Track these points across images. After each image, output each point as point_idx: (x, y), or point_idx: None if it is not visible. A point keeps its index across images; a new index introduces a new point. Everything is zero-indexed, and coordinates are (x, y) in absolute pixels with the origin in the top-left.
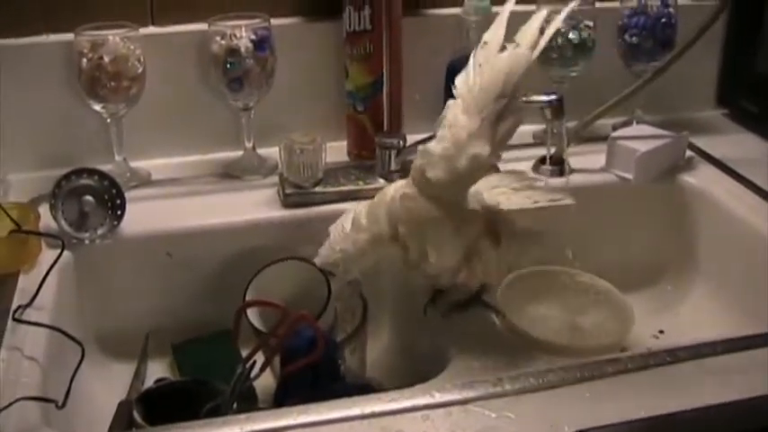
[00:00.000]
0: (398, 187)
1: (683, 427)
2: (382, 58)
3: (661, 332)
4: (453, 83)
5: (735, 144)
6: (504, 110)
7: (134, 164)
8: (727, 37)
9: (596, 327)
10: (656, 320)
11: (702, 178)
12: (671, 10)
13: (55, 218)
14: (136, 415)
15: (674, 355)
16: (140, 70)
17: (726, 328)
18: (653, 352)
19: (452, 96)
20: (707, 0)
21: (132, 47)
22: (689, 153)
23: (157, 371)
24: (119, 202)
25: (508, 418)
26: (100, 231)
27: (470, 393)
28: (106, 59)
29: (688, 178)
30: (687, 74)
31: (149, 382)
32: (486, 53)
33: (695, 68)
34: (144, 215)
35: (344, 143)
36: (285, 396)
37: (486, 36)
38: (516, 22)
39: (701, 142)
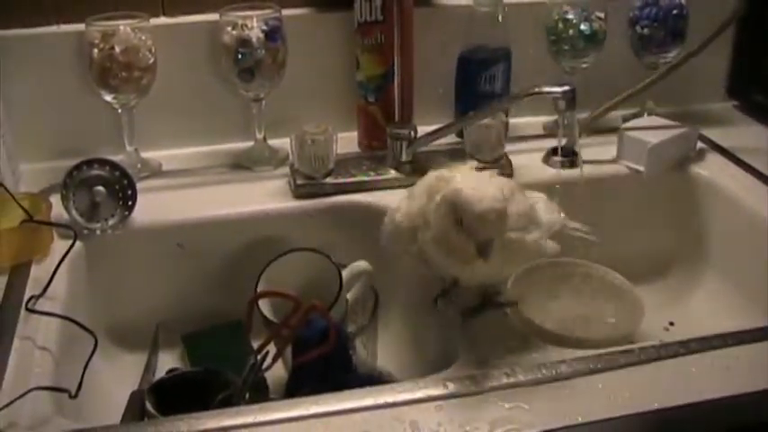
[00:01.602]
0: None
1: (697, 418)
2: (393, 49)
3: (671, 324)
4: (465, 74)
5: (746, 136)
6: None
7: (145, 154)
8: (738, 29)
9: (607, 319)
10: (666, 312)
11: (713, 170)
12: (682, 1)
13: (66, 208)
14: (148, 405)
15: (687, 347)
16: (151, 61)
17: (737, 319)
18: (665, 343)
19: (464, 87)
20: None
21: (143, 37)
22: (700, 144)
23: (168, 361)
24: (130, 192)
25: (522, 408)
26: (111, 222)
27: (484, 384)
28: (117, 50)
29: (699, 170)
30: (698, 66)
31: (160, 373)
32: None
33: (706, 60)
34: (155, 206)
35: (355, 134)
36: (297, 387)
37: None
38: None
39: (711, 134)
